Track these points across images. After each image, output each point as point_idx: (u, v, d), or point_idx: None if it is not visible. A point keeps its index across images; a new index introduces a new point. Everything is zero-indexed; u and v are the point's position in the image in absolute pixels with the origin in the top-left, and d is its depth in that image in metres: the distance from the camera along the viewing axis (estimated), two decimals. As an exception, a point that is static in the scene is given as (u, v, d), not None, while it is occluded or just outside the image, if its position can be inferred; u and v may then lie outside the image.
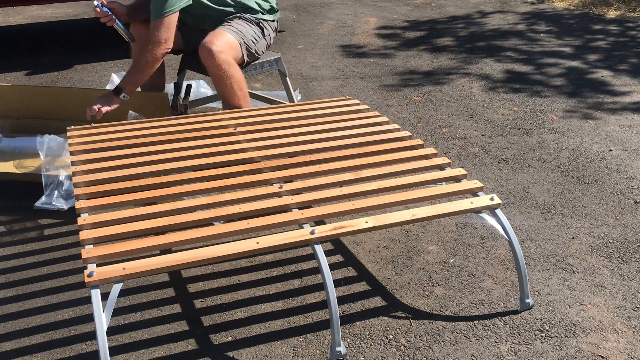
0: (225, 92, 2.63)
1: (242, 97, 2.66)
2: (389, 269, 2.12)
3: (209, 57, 2.54)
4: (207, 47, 2.54)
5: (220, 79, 2.59)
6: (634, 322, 1.87)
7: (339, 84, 3.96)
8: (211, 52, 2.53)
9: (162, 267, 1.57)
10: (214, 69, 2.56)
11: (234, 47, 2.64)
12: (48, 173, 2.47)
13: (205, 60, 2.56)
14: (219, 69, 2.56)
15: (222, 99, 2.70)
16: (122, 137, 2.26)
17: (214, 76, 2.60)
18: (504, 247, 2.24)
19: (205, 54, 2.55)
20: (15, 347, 1.76)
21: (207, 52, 2.54)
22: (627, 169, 2.82)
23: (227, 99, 2.66)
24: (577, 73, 4.17)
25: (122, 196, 1.87)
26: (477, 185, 1.96)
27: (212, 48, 2.53)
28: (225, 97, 2.66)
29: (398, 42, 4.96)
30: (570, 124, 3.34)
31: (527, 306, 1.92)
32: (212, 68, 2.57)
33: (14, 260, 2.16)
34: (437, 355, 1.74)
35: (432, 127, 3.29)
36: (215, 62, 2.54)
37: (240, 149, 2.18)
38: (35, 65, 4.32)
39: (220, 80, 2.60)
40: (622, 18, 5.72)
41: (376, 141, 2.25)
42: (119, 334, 1.81)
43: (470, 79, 4.07)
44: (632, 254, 2.20)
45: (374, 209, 1.86)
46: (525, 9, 6.19)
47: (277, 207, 1.84)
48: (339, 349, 1.69)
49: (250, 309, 1.93)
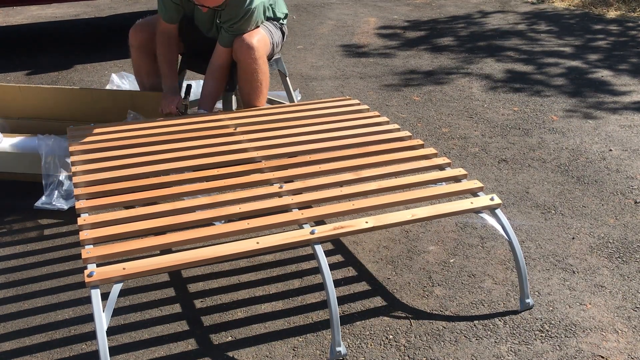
0: (253, 88, 2.59)
1: (265, 96, 2.64)
2: (389, 269, 2.12)
3: (247, 50, 2.49)
4: (248, 41, 2.50)
5: (252, 73, 2.54)
6: (634, 322, 1.86)
7: (339, 84, 3.96)
8: (251, 47, 2.49)
9: (162, 267, 1.57)
10: (249, 61, 2.51)
11: (267, 45, 2.63)
12: (48, 173, 2.47)
13: (243, 54, 2.51)
14: (255, 62, 2.52)
15: (245, 96, 2.64)
16: (122, 137, 2.26)
17: (248, 70, 2.54)
18: (504, 247, 2.24)
19: (244, 48, 2.50)
20: (15, 347, 1.76)
21: (247, 47, 2.49)
22: (627, 169, 2.82)
23: (250, 95, 2.62)
24: (578, 73, 4.17)
25: (122, 196, 1.87)
26: (477, 185, 1.96)
27: (251, 41, 2.50)
28: (251, 94, 2.61)
29: (398, 42, 4.96)
30: (571, 124, 3.34)
31: (527, 306, 1.92)
32: (247, 61, 2.51)
33: (14, 260, 2.16)
34: (437, 355, 1.74)
35: (432, 127, 3.29)
36: (253, 55, 2.50)
37: (240, 149, 2.18)
38: (35, 65, 4.32)
39: (250, 74, 2.55)
40: (622, 18, 5.72)
41: (376, 141, 2.25)
42: (119, 334, 1.81)
43: (471, 79, 4.06)
44: (632, 254, 2.20)
45: (374, 209, 1.86)
46: (525, 9, 6.19)
47: (277, 207, 1.84)
48: (339, 349, 1.69)
49: (250, 309, 1.93)
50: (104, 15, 5.81)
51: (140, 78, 2.84)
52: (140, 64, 2.79)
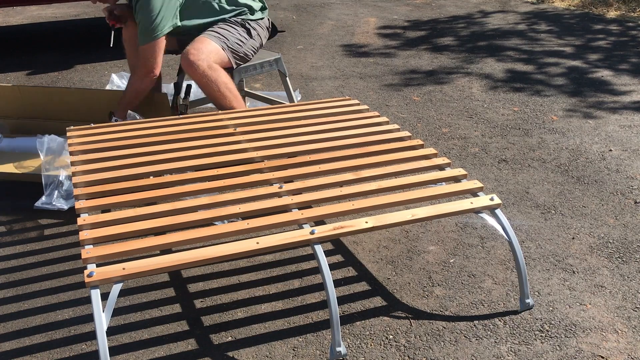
0: (214, 96, 2.62)
1: (233, 98, 2.64)
2: (389, 269, 2.12)
3: (189, 68, 2.55)
4: (186, 57, 2.55)
5: (206, 85, 2.58)
6: (634, 322, 1.86)
7: (339, 84, 3.96)
8: (189, 62, 2.53)
9: (162, 267, 1.57)
10: (197, 77, 2.56)
11: (215, 52, 2.62)
12: (48, 173, 2.47)
13: (187, 70, 2.57)
14: (202, 76, 2.55)
15: (215, 104, 2.67)
16: (122, 137, 2.26)
17: (199, 84, 2.59)
18: (504, 247, 2.24)
19: (185, 65, 2.55)
20: (15, 347, 1.76)
21: (187, 62, 2.54)
22: (627, 169, 2.82)
23: (218, 103, 2.64)
24: (578, 73, 4.17)
25: (122, 196, 1.87)
26: (477, 186, 1.96)
27: (189, 58, 2.54)
28: (216, 101, 2.64)
29: (398, 42, 4.96)
30: (571, 124, 3.34)
31: (527, 306, 1.92)
32: (195, 77, 2.57)
33: (14, 260, 2.16)
34: (437, 355, 1.74)
35: (432, 127, 3.29)
36: (196, 70, 2.54)
37: (240, 149, 2.18)
38: (35, 65, 4.32)
39: (206, 87, 2.59)
40: (622, 18, 5.72)
41: (376, 141, 2.25)
42: (119, 334, 1.81)
43: (471, 79, 4.06)
44: (632, 254, 2.20)
45: (374, 209, 1.86)
46: (525, 8, 6.19)
47: (277, 207, 1.84)
48: (339, 349, 1.69)
49: (250, 309, 1.93)
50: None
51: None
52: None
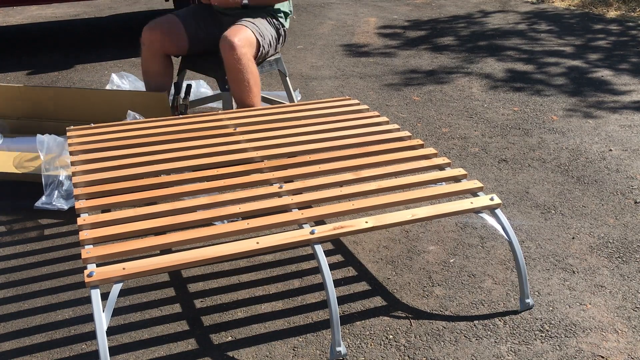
0: (241, 87, 2.57)
1: (256, 95, 2.61)
2: (389, 269, 2.12)
3: (230, 50, 2.49)
4: (229, 40, 2.49)
5: (240, 73, 2.53)
6: (634, 322, 1.86)
7: (339, 84, 3.96)
8: (232, 45, 2.48)
9: (162, 267, 1.57)
10: (234, 62, 2.51)
11: (252, 44, 2.60)
12: (48, 173, 2.47)
13: (225, 52, 2.51)
14: (239, 62, 2.50)
15: (236, 95, 2.62)
16: (122, 137, 2.26)
17: (233, 70, 2.53)
18: (504, 247, 2.24)
19: (226, 47, 2.50)
20: (15, 347, 1.76)
21: (229, 46, 2.49)
22: (627, 169, 2.82)
23: (241, 95, 2.59)
24: (578, 73, 4.17)
25: (122, 196, 1.87)
26: (477, 185, 1.96)
27: (233, 41, 2.49)
28: (240, 93, 2.59)
29: (398, 42, 4.96)
30: (571, 123, 3.34)
31: (527, 306, 1.92)
32: (232, 61, 2.51)
33: (14, 260, 2.16)
34: (437, 355, 1.74)
35: (432, 127, 3.29)
36: (236, 55, 2.49)
37: (240, 149, 2.18)
38: (35, 65, 4.32)
39: (238, 74, 2.53)
40: (622, 18, 5.72)
41: (376, 141, 2.25)
42: (119, 334, 1.81)
43: (471, 78, 4.06)
44: (632, 254, 2.20)
45: (374, 209, 1.86)
46: (525, 8, 6.19)
47: (277, 207, 1.84)
48: (339, 349, 1.69)
49: (250, 309, 1.92)
50: (104, 15, 5.81)
51: (147, 77, 2.83)
52: (149, 64, 2.78)
